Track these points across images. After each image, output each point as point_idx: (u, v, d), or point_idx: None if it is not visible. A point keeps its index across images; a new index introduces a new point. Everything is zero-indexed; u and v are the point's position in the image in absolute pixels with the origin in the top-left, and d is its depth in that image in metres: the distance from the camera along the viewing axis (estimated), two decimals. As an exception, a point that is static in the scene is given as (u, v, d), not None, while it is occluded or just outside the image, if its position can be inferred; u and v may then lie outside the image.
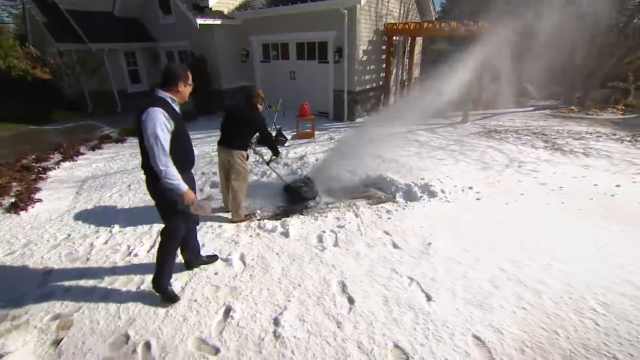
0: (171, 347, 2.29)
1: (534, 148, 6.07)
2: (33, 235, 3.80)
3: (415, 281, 2.80)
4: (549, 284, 2.73)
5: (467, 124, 8.05)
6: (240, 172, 3.63)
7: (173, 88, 2.29)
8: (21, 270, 3.20)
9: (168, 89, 2.28)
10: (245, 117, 3.54)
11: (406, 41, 10.27)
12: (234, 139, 3.56)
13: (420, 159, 5.55)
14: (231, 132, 3.56)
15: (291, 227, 3.61)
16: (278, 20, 8.64)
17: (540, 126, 7.77)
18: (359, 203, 4.15)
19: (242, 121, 3.53)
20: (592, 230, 3.45)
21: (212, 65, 9.62)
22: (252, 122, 3.55)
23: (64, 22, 10.26)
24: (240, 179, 3.66)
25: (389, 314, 2.48)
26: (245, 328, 2.41)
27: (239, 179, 3.64)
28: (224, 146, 3.60)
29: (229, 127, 3.57)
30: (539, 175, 4.78)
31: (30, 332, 2.50)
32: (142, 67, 11.67)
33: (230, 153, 3.55)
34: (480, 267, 2.95)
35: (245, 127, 3.56)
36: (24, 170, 5.58)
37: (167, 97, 2.27)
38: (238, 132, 3.55)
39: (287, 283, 2.84)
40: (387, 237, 3.41)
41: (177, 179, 2.20)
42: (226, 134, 3.60)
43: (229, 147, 3.56)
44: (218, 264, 3.10)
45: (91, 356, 2.27)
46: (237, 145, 3.56)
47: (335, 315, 2.48)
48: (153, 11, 10.65)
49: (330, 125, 8.25)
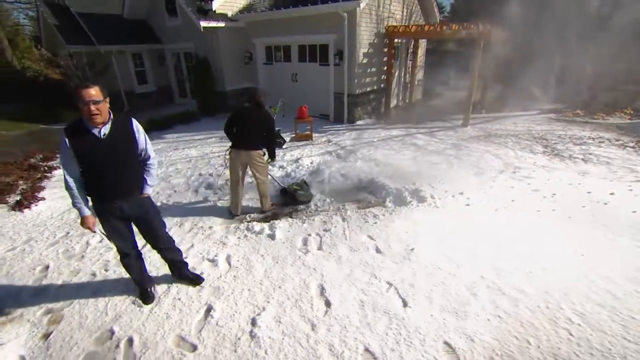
0: (152, 343, 2.40)
1: (532, 153, 6.03)
2: (34, 232, 3.98)
3: (394, 286, 2.85)
4: (528, 292, 2.74)
5: (467, 127, 8.01)
6: (264, 168, 3.91)
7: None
8: (20, 266, 3.37)
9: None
10: (258, 118, 3.65)
11: (409, 43, 10.26)
12: (251, 140, 3.69)
13: (415, 163, 5.57)
14: (248, 135, 3.67)
15: (278, 229, 3.69)
16: (280, 22, 8.74)
17: (542, 130, 7.68)
18: (348, 207, 4.21)
19: (256, 122, 3.65)
20: (578, 239, 3.44)
21: (216, 66, 9.79)
22: (265, 121, 3.68)
23: (74, 25, 10.57)
24: (264, 173, 3.95)
25: (363, 318, 2.54)
26: (223, 327, 2.50)
27: (263, 173, 3.90)
28: (242, 149, 3.72)
29: (244, 129, 3.66)
30: (532, 182, 4.75)
31: (23, 325, 2.65)
32: (148, 68, 11.94)
33: (250, 154, 3.73)
34: (460, 273, 2.98)
35: (259, 128, 3.68)
36: (31, 169, 5.81)
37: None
38: (254, 133, 3.68)
39: (269, 284, 2.92)
40: (371, 242, 3.46)
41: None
42: (242, 137, 3.70)
43: (248, 149, 3.70)
44: (204, 265, 3.20)
45: (77, 350, 2.39)
46: (255, 146, 3.72)
47: (310, 318, 2.55)
48: (160, 14, 10.89)
49: (330, 128, 8.31)
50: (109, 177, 2.23)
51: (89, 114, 2.02)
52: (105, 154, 2.16)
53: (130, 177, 2.37)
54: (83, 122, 2.10)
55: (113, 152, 2.19)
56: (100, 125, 2.11)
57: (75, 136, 2.09)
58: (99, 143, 2.13)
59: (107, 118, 2.14)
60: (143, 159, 2.45)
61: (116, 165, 2.24)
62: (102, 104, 2.05)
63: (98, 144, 2.13)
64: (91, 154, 2.13)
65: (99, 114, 2.05)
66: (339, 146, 6.72)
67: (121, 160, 2.27)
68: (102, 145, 2.14)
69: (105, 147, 2.15)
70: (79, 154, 2.11)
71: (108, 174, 2.22)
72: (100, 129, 2.12)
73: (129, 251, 2.58)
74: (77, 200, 2.23)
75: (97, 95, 2.01)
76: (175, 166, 5.99)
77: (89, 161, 2.16)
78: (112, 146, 2.17)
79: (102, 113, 2.07)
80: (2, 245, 3.74)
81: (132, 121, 2.32)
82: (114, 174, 2.24)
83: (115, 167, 2.24)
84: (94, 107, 2.00)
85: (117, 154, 2.23)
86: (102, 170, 2.20)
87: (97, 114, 2.03)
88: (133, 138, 2.30)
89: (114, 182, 2.26)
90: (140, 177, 2.45)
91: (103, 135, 2.14)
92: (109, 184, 2.26)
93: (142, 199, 2.48)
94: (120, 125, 2.22)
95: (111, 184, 2.26)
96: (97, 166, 2.19)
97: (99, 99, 2.02)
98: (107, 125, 2.15)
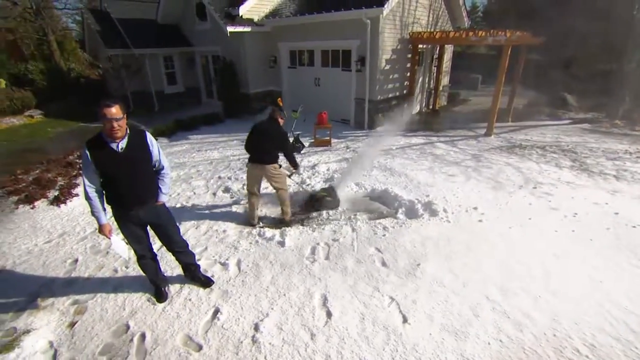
0: (162, 340, 2.58)
1: (557, 167, 5.77)
2: (68, 227, 4.34)
3: (396, 301, 2.88)
4: (534, 317, 2.68)
5: (491, 137, 7.76)
6: (279, 177, 3.99)
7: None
8: (54, 258, 3.70)
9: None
10: (273, 135, 3.81)
11: (435, 48, 10.07)
12: (264, 154, 3.85)
13: (431, 174, 5.50)
14: (263, 150, 3.84)
15: (288, 237, 3.81)
16: (305, 28, 8.89)
17: (572, 142, 7.30)
18: (359, 217, 4.25)
19: (271, 139, 3.81)
20: (597, 264, 3.29)
21: (241, 70, 10.10)
22: (276, 136, 3.82)
23: (114, 30, 11.29)
24: (281, 182, 4.03)
25: (362, 331, 2.60)
26: (228, 330, 2.64)
27: (279, 182, 4.00)
28: (257, 163, 3.88)
29: (259, 145, 3.83)
30: (553, 199, 4.57)
31: (53, 313, 2.93)
32: (178, 70, 12.51)
33: (264, 168, 3.87)
34: (465, 292, 2.95)
35: (274, 144, 3.85)
36: (68, 166, 6.30)
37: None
38: (267, 148, 3.84)
39: (274, 291, 3.04)
40: (378, 255, 3.49)
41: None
42: (258, 153, 3.87)
43: (262, 163, 3.86)
44: (216, 268, 3.38)
45: (97, 340, 2.63)
46: (269, 160, 3.87)
47: (311, 327, 2.64)
48: (190, 18, 11.38)
49: (350, 134, 8.34)
50: (126, 186, 2.43)
51: (110, 130, 2.22)
52: (123, 166, 2.37)
53: (145, 186, 2.57)
54: (102, 136, 2.30)
55: (130, 164, 2.40)
56: (119, 139, 2.31)
57: (96, 150, 2.29)
58: (118, 156, 2.33)
59: (125, 133, 2.34)
60: (157, 170, 2.65)
61: (133, 175, 2.44)
62: (122, 120, 2.25)
63: (116, 156, 2.33)
64: (110, 166, 2.34)
65: (119, 129, 2.25)
66: (357, 153, 6.75)
67: (137, 171, 2.47)
68: (120, 158, 2.34)
69: (123, 160, 2.35)
70: (99, 166, 2.32)
71: (126, 183, 2.42)
72: (118, 143, 2.32)
73: (145, 253, 2.79)
74: (95, 209, 2.45)
75: (118, 114, 2.20)
76: (197, 168, 6.28)
77: (108, 172, 2.36)
78: (129, 158, 2.37)
79: (122, 129, 2.28)
80: (41, 237, 4.13)
81: (146, 135, 2.52)
82: (131, 183, 2.44)
83: (132, 178, 2.44)
84: (115, 123, 2.20)
85: (134, 166, 2.43)
86: (120, 180, 2.40)
87: (117, 130, 2.24)
88: (148, 150, 2.50)
89: (131, 191, 2.47)
90: (155, 186, 2.64)
91: (121, 149, 2.33)
92: (127, 193, 2.46)
93: (157, 206, 2.67)
94: (136, 139, 2.42)
95: (129, 193, 2.47)
96: (116, 177, 2.38)
97: (120, 117, 2.22)
98: (125, 140, 2.35)
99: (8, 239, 4.10)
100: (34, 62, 14.21)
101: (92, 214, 2.50)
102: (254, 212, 4.15)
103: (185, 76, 12.70)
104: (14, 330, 2.73)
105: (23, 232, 4.25)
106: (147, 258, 2.84)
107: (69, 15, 20.42)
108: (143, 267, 2.88)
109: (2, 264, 3.61)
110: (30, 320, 2.83)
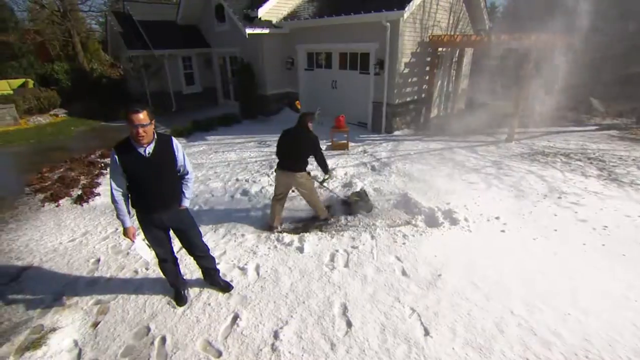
0: (182, 344, 2.60)
1: (584, 176, 5.55)
2: (90, 226, 4.45)
3: (417, 313, 2.81)
4: (563, 336, 2.57)
5: (512, 143, 7.55)
6: (308, 184, 4.00)
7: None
8: (78, 257, 3.79)
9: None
10: (304, 141, 3.80)
11: (454, 51, 9.89)
12: (292, 162, 3.83)
13: (451, 181, 5.39)
14: (292, 157, 3.83)
15: (307, 242, 3.79)
16: (323, 30, 8.87)
17: (599, 150, 7.02)
18: (378, 224, 4.19)
19: (301, 145, 3.80)
20: (630, 280, 3.13)
21: (258, 71, 10.17)
22: (309, 144, 3.82)
23: (135, 31, 11.57)
24: (310, 188, 4.04)
25: (383, 343, 2.55)
26: (247, 337, 2.64)
27: (308, 188, 4.00)
28: (285, 170, 3.86)
29: (289, 152, 3.83)
30: (580, 210, 4.39)
31: (78, 312, 3.00)
32: (196, 70, 12.70)
33: (293, 176, 3.85)
34: (488, 306, 2.86)
35: (305, 151, 3.84)
36: (90, 165, 6.47)
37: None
38: (295, 155, 3.82)
39: (293, 298, 3.02)
40: (398, 264, 3.43)
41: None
42: (287, 160, 3.85)
43: (291, 171, 3.84)
44: (235, 272, 3.38)
45: (119, 341, 2.67)
46: (298, 168, 3.85)
47: (331, 337, 2.61)
48: (209, 19, 11.54)
49: (367, 137, 8.27)
50: (152, 190, 2.48)
51: (136, 136, 2.26)
52: (149, 171, 2.41)
53: (170, 191, 2.60)
54: (130, 141, 2.34)
55: (156, 169, 2.43)
56: (146, 145, 2.34)
57: (124, 154, 2.35)
58: (145, 161, 2.37)
59: (152, 138, 2.37)
60: (182, 175, 2.67)
61: (158, 180, 2.47)
62: (149, 126, 2.28)
63: (144, 161, 2.37)
64: (137, 170, 2.38)
65: (145, 135, 2.28)
66: (374, 157, 6.68)
67: (163, 176, 2.50)
68: (147, 163, 2.38)
69: (149, 164, 2.39)
70: (127, 170, 2.36)
71: (151, 188, 2.46)
72: (146, 148, 2.36)
73: (166, 257, 2.82)
74: (121, 213, 2.51)
75: (145, 120, 2.23)
76: (214, 169, 6.35)
77: (135, 176, 2.40)
78: (155, 163, 2.41)
79: (148, 134, 2.30)
80: (66, 235, 4.24)
81: (172, 140, 2.54)
82: (156, 188, 2.48)
83: (158, 182, 2.47)
84: (141, 129, 2.23)
85: (160, 171, 2.46)
86: (146, 184, 2.44)
87: (143, 136, 2.27)
88: (173, 156, 2.53)
89: (156, 195, 2.50)
90: (179, 191, 2.67)
91: (148, 154, 2.37)
92: (152, 197, 2.50)
93: (180, 210, 2.70)
94: (162, 145, 2.45)
95: (153, 197, 2.51)
96: (142, 181, 2.43)
97: (147, 123, 2.25)
98: (152, 145, 2.38)
99: (35, 236, 4.23)
100: (60, 62, 14.71)
101: (117, 216, 2.55)
102: (277, 216, 4.14)
103: (203, 77, 12.89)
104: (41, 328, 2.80)
105: (49, 229, 4.38)
106: (169, 262, 2.87)
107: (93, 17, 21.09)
108: (164, 271, 2.91)
109: (30, 260, 3.72)
110: (56, 318, 2.91)
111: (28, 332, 2.77)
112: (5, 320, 2.92)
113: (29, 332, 2.77)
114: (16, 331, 2.78)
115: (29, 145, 8.54)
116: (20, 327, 2.83)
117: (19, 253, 3.88)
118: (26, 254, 3.85)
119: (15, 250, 3.95)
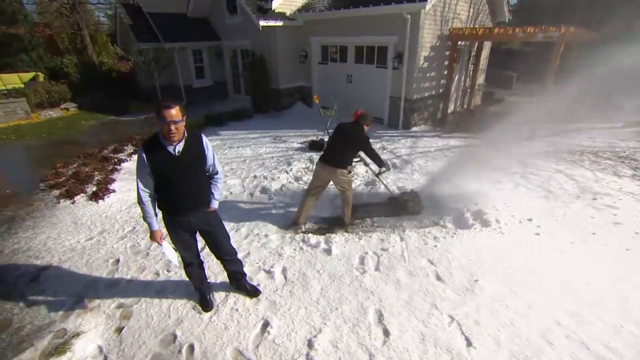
0: (211, 353, 2.47)
1: (616, 176, 5.31)
2: (107, 224, 4.33)
3: (456, 321, 2.66)
4: (621, 352, 2.38)
5: (534, 140, 7.30)
6: (348, 182, 3.92)
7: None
8: (97, 257, 3.68)
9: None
10: (354, 138, 3.70)
11: (473, 45, 9.59)
12: (340, 157, 3.74)
13: (475, 180, 5.17)
14: (338, 151, 3.74)
15: (334, 244, 3.63)
16: (339, 22, 8.62)
17: (629, 148, 6.73)
18: (406, 224, 4.02)
19: (350, 141, 3.71)
20: (682, 290, 2.94)
21: (271, 64, 9.96)
22: (359, 142, 3.72)
23: (145, 24, 11.39)
24: (349, 187, 3.95)
25: (423, 353, 2.40)
26: (280, 346, 2.50)
27: (345, 185, 3.90)
28: (327, 164, 3.76)
29: (338, 145, 3.75)
30: (618, 212, 4.17)
31: (100, 316, 2.88)
32: (206, 64, 12.51)
33: (334, 172, 3.75)
34: (531, 315, 2.69)
35: (354, 145, 3.75)
36: (104, 161, 6.36)
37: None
38: (340, 150, 3.74)
39: (325, 304, 2.87)
40: (431, 267, 3.27)
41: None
42: (333, 153, 3.77)
43: (333, 166, 3.74)
44: (261, 275, 3.25)
45: (145, 349, 2.54)
46: (341, 165, 3.74)
47: (368, 347, 2.47)
48: (221, 12, 11.32)
49: (383, 133, 8.06)
50: (180, 191, 2.32)
51: (167, 133, 2.09)
52: (178, 170, 2.25)
53: (199, 192, 2.45)
54: (158, 138, 2.18)
55: (185, 168, 2.27)
56: (176, 142, 2.18)
57: (152, 152, 2.18)
58: (174, 159, 2.21)
59: (182, 136, 2.20)
60: (210, 174, 2.52)
61: (187, 180, 2.32)
62: (181, 123, 2.11)
63: (173, 160, 2.21)
64: (166, 169, 2.22)
65: (177, 133, 2.11)
66: (394, 154, 6.48)
67: (192, 176, 2.34)
68: (177, 162, 2.22)
69: (179, 164, 2.23)
70: (155, 169, 2.20)
71: (179, 188, 2.31)
72: (175, 146, 2.19)
73: (192, 261, 2.69)
74: (148, 215, 2.34)
75: (177, 116, 2.06)
76: (230, 165, 6.20)
77: (163, 176, 2.24)
78: (185, 162, 2.25)
79: (180, 132, 2.14)
80: (83, 234, 4.13)
81: (202, 138, 2.37)
82: (185, 188, 2.32)
83: (186, 182, 2.32)
84: (173, 126, 2.07)
85: (189, 170, 2.30)
86: (174, 184, 2.29)
87: (175, 133, 2.10)
88: (203, 155, 2.36)
89: (184, 196, 2.35)
90: (207, 191, 2.52)
91: (177, 152, 2.21)
92: (180, 198, 2.35)
93: (209, 212, 2.55)
94: (192, 143, 2.29)
95: (182, 198, 2.35)
96: (170, 181, 2.27)
97: (179, 119, 2.08)
98: (182, 143, 2.21)
99: (52, 234, 4.13)
100: (69, 56, 14.60)
101: (144, 219, 2.40)
102: (303, 211, 4.00)
103: (213, 70, 12.70)
104: (64, 332, 2.70)
105: (66, 227, 4.28)
106: (194, 265, 2.73)
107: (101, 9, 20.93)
108: (189, 274, 2.78)
109: (49, 260, 3.62)
110: (78, 322, 2.80)
111: (51, 336, 2.67)
112: (27, 323, 2.81)
113: (52, 337, 2.66)
114: (39, 335, 2.68)
115: (41, 139, 8.46)
116: (43, 331, 2.73)
117: (37, 252, 3.78)
118: (44, 253, 3.75)
119: (34, 248, 3.85)
